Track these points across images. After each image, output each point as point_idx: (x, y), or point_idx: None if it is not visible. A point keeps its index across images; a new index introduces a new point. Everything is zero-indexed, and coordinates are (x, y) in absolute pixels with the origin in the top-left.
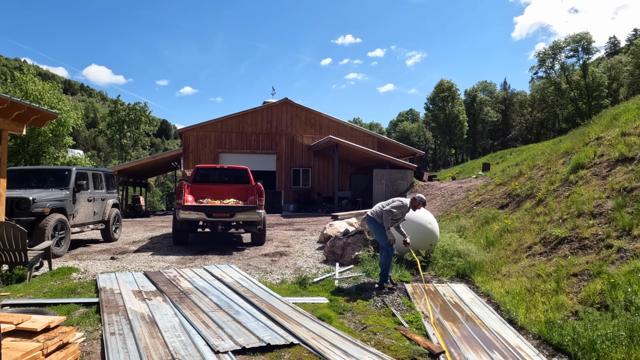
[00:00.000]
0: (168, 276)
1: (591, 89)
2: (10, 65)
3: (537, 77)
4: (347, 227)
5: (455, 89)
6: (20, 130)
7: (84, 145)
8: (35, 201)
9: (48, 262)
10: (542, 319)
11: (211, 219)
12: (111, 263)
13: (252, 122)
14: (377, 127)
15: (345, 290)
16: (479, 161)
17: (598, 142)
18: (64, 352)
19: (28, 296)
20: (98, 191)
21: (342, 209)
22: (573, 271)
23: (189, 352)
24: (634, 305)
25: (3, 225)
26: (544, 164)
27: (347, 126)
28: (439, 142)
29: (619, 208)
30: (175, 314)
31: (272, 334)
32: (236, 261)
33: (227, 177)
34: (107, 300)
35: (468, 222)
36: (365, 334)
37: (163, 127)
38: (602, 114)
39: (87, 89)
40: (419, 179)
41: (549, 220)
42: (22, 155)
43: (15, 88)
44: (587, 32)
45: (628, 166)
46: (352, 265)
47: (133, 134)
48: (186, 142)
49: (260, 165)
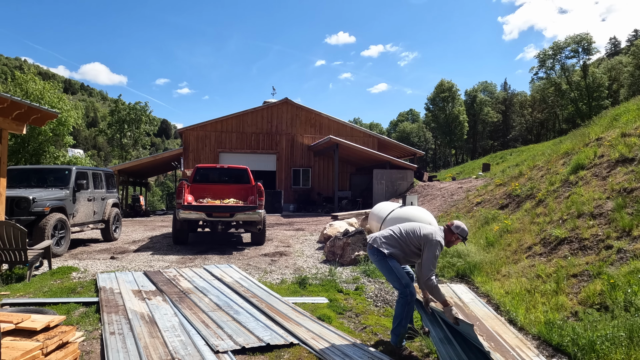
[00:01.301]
0: (168, 276)
1: (591, 90)
2: (11, 65)
3: (538, 78)
4: (347, 227)
5: (455, 90)
6: (20, 130)
7: (84, 145)
8: (35, 200)
9: (48, 261)
10: (542, 320)
11: (211, 219)
12: (111, 262)
13: (252, 122)
14: (377, 127)
15: (345, 291)
16: (479, 161)
17: (598, 143)
18: (63, 351)
19: (28, 295)
20: (98, 191)
21: (342, 209)
22: (573, 272)
23: (188, 351)
24: (633, 306)
25: (3, 225)
26: (544, 164)
27: (347, 126)
28: (439, 143)
29: (619, 209)
30: (175, 313)
31: (272, 334)
32: (236, 261)
33: (227, 177)
34: (106, 299)
35: (468, 222)
36: (365, 334)
37: (163, 127)
38: (603, 115)
39: (87, 88)
40: (419, 179)
41: (549, 220)
42: (22, 155)
43: (15, 87)
44: (588, 33)
45: (628, 167)
46: (352, 265)
47: (133, 133)
48: (186, 141)
49: (260, 165)
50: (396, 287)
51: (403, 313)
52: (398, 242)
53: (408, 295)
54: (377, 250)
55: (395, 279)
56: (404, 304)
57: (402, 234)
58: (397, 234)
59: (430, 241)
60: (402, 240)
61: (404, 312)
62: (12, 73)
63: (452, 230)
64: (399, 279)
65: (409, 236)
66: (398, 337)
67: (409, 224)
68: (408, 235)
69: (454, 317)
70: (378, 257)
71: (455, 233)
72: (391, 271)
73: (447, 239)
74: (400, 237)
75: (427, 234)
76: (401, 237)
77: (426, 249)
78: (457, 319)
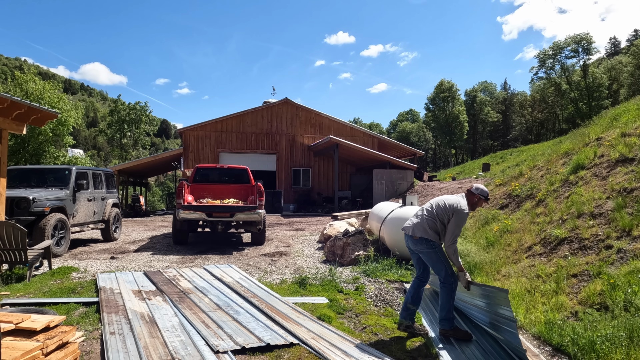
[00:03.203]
0: (168, 276)
1: (591, 90)
2: (11, 65)
3: (538, 78)
4: (347, 227)
5: (455, 90)
6: (20, 130)
7: (84, 145)
8: (35, 200)
9: (48, 261)
10: (542, 320)
11: (211, 219)
12: (111, 262)
13: (252, 122)
14: (377, 127)
15: (345, 291)
16: (479, 161)
17: (598, 143)
18: (63, 351)
19: (28, 295)
20: (98, 191)
21: (342, 209)
22: (573, 272)
23: (188, 351)
24: (633, 306)
25: (3, 225)
26: (544, 164)
27: (347, 126)
28: (439, 143)
29: (619, 209)
30: (175, 313)
31: (272, 334)
32: (236, 261)
33: (227, 177)
34: (106, 299)
35: (468, 222)
36: (365, 334)
37: (163, 127)
38: (602, 115)
39: (87, 88)
40: (419, 179)
41: (549, 220)
42: (22, 155)
43: (15, 87)
44: (588, 33)
45: (628, 167)
46: (352, 265)
47: (133, 133)
48: (186, 141)
49: (260, 165)
50: (441, 275)
51: (450, 300)
52: (435, 224)
53: (453, 284)
54: (424, 239)
55: (443, 268)
56: (449, 291)
57: (433, 214)
58: (431, 216)
59: (456, 210)
60: (436, 220)
61: (450, 299)
62: (12, 73)
63: (472, 192)
64: (446, 269)
65: (438, 214)
66: (450, 321)
67: (432, 203)
68: (438, 213)
69: (466, 281)
70: (424, 246)
71: (476, 194)
72: (439, 261)
73: (470, 202)
74: (433, 218)
75: (453, 204)
76: (434, 217)
77: (453, 217)
78: (469, 282)
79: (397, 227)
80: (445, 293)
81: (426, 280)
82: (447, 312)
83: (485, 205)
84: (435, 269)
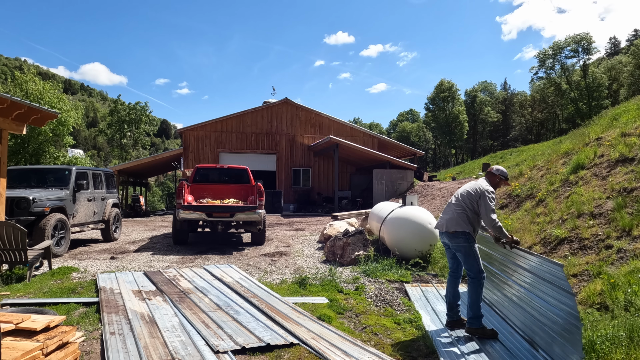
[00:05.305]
0: (168, 276)
1: (591, 90)
2: (11, 65)
3: (537, 78)
4: (347, 227)
5: (455, 89)
6: (20, 130)
7: (84, 145)
8: (35, 201)
9: (48, 261)
10: None
11: (211, 219)
12: (111, 263)
13: (252, 122)
14: (377, 127)
15: (345, 291)
16: (479, 161)
17: (598, 143)
18: (63, 351)
19: (28, 296)
20: (98, 191)
21: (342, 209)
22: (573, 272)
23: (188, 351)
24: (633, 306)
25: (3, 225)
26: (544, 164)
27: (347, 126)
28: (439, 142)
29: (619, 208)
30: (175, 313)
31: (272, 334)
32: (236, 261)
33: (227, 177)
34: (107, 299)
35: None
36: (365, 334)
37: (163, 127)
38: (602, 115)
39: (87, 88)
40: (419, 179)
41: (549, 220)
42: (22, 155)
43: (15, 87)
44: (587, 33)
45: (628, 167)
46: (352, 265)
47: (133, 133)
48: (186, 141)
49: (260, 165)
50: (472, 271)
51: (480, 297)
52: (466, 214)
53: (482, 279)
54: (460, 232)
55: (475, 263)
56: (478, 287)
57: (462, 206)
58: (460, 208)
59: (481, 192)
60: (466, 210)
61: (480, 295)
62: (12, 73)
63: (494, 173)
64: (478, 264)
65: (466, 203)
66: (479, 319)
67: (455, 195)
68: (465, 202)
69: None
70: (461, 239)
71: (497, 174)
72: (474, 256)
73: (492, 182)
74: (463, 209)
75: (476, 188)
76: (463, 208)
77: (481, 200)
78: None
79: (397, 227)
80: (475, 289)
81: (460, 274)
82: (476, 310)
83: (505, 185)
84: (467, 264)
